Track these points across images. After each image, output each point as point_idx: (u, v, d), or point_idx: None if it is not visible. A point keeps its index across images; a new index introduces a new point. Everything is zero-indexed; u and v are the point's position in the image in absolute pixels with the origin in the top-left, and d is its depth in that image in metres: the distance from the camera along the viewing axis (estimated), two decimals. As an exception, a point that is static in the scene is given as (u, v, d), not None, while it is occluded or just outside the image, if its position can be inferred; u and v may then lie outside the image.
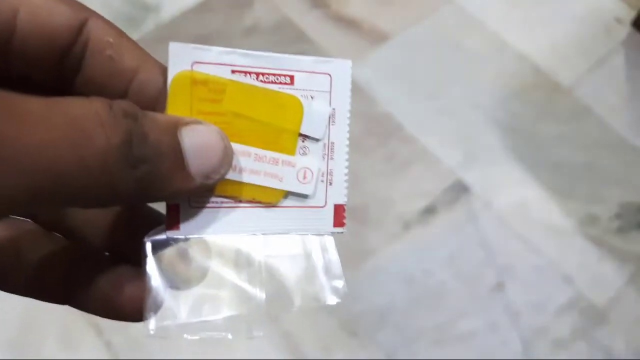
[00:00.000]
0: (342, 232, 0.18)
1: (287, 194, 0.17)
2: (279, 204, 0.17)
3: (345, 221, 0.18)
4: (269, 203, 0.17)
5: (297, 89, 0.17)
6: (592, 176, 0.83)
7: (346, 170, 0.18)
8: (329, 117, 0.18)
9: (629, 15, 0.99)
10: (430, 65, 0.93)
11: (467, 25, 0.97)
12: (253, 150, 0.16)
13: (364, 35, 0.95)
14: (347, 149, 0.18)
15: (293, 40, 0.93)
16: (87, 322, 0.70)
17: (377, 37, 0.95)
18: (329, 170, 0.18)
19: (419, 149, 0.84)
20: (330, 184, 0.18)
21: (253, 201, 0.17)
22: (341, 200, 0.18)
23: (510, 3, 1.01)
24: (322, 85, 0.18)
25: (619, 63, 0.96)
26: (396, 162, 0.83)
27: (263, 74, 0.17)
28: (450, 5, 1.00)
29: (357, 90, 0.89)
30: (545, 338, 0.71)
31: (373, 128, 0.86)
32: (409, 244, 0.77)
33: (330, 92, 0.18)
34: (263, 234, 0.17)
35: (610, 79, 0.94)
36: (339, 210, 0.18)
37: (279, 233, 0.17)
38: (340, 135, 0.18)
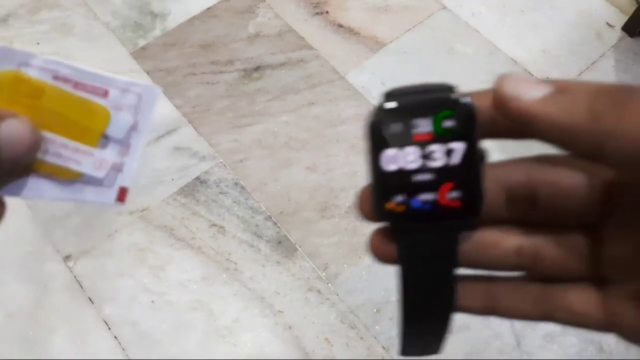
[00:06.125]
0: (122, 205, 0.24)
1: (85, 175, 0.22)
2: (79, 181, 0.22)
3: (126, 199, 0.23)
4: (66, 179, 0.22)
5: (110, 100, 0.23)
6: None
7: (136, 164, 0.23)
8: (130, 126, 0.23)
9: (621, 19, 1.01)
10: (425, 70, 0.94)
11: (460, 31, 0.99)
12: (59, 139, 0.22)
13: (362, 41, 0.97)
14: (140, 149, 0.24)
15: (294, 46, 0.95)
16: (96, 316, 0.72)
17: (374, 44, 0.97)
18: (121, 162, 0.23)
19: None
20: (121, 172, 0.23)
21: (53, 176, 0.22)
22: (126, 184, 0.23)
23: (502, 9, 1.03)
24: (131, 101, 0.23)
25: (609, 67, 0.97)
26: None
27: (81, 84, 0.22)
28: (444, 12, 1.02)
29: (355, 95, 0.91)
30: (537, 331, 0.73)
31: (371, 130, 0.88)
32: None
33: (137, 108, 0.23)
34: (61, 200, 0.23)
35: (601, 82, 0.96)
36: (123, 191, 0.23)
37: (74, 200, 0.23)
38: (138, 139, 0.23)
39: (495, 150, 0.17)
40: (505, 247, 0.17)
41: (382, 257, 0.18)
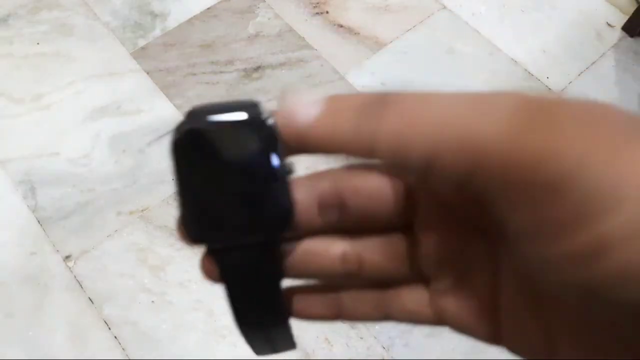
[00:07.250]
0: None
1: None
2: None
3: None
4: None
5: None
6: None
7: None
8: None
9: (621, 19, 1.02)
10: (425, 70, 0.95)
11: (460, 31, 0.99)
12: None
13: (362, 41, 0.97)
14: None
15: (294, 46, 0.96)
16: (96, 316, 0.72)
17: (374, 44, 0.97)
18: None
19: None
20: None
21: None
22: None
23: (502, 9, 1.03)
24: None
25: (609, 67, 0.98)
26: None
27: None
28: (444, 12, 1.02)
29: (356, 94, 0.91)
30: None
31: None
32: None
33: None
34: None
35: (601, 82, 0.96)
36: None
37: None
38: None
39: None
40: (331, 256, 0.18)
41: (212, 278, 0.18)
